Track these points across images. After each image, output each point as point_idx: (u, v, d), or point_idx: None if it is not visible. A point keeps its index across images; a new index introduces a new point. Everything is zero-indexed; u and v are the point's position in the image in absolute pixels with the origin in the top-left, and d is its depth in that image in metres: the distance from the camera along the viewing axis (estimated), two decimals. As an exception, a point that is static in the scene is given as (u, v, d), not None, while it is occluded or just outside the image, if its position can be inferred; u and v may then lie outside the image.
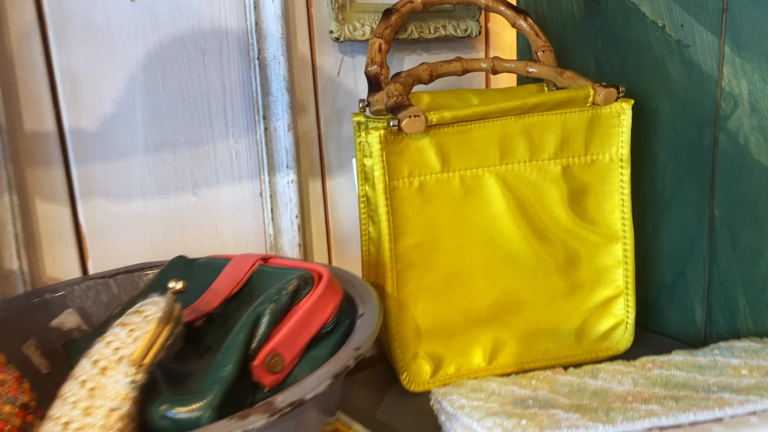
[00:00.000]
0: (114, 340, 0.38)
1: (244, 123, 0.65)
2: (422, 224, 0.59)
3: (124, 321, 0.39)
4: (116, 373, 0.36)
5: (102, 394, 0.35)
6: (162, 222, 0.62)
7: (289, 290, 0.41)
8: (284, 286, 0.41)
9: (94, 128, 0.58)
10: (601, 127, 0.61)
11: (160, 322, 0.38)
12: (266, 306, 0.40)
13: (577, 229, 0.62)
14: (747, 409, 0.45)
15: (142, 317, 0.39)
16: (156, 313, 0.39)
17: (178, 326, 0.39)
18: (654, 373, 0.54)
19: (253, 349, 0.39)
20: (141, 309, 0.40)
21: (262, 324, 0.40)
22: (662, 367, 0.55)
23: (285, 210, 0.67)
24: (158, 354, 0.37)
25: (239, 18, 0.63)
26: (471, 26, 0.76)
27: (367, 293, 0.48)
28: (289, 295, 0.41)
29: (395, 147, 0.57)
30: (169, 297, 0.40)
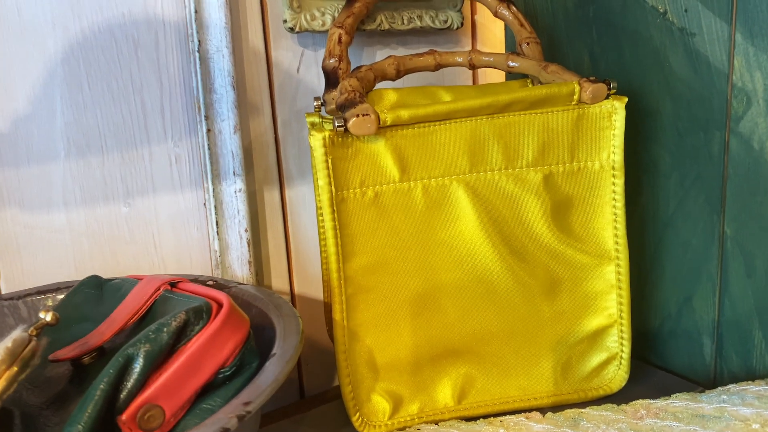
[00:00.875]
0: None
1: (185, 124, 0.58)
2: (377, 241, 0.50)
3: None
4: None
5: None
6: (88, 236, 0.55)
7: (173, 327, 0.33)
8: (168, 321, 0.33)
9: (5, 130, 0.51)
10: (590, 129, 0.52)
11: (3, 362, 0.30)
12: (139, 346, 0.32)
13: (561, 248, 0.53)
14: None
15: None
16: (6, 346, 0.31)
17: (28, 367, 0.31)
18: (646, 423, 0.45)
19: (122, 401, 0.31)
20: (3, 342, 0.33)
21: (134, 369, 0.32)
22: (657, 415, 0.46)
23: (232, 223, 0.60)
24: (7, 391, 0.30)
25: (177, 5, 0.56)
26: (452, 17, 0.67)
27: (294, 325, 0.40)
28: (172, 332, 0.33)
29: (343, 152, 0.49)
30: (27, 332, 0.33)
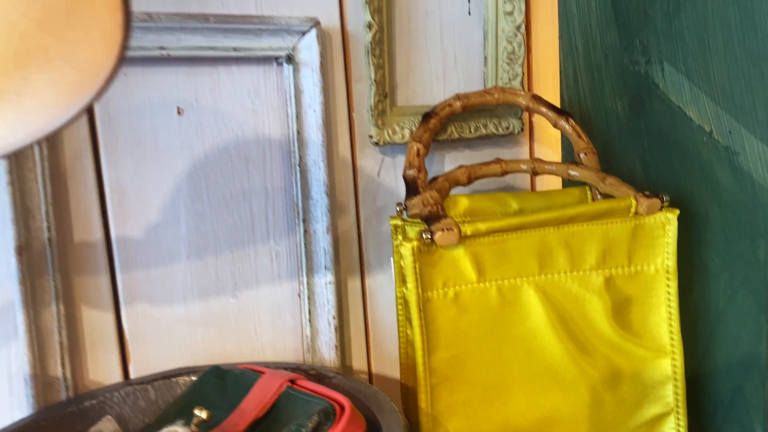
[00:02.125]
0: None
1: (285, 225, 0.67)
2: (458, 336, 0.57)
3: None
4: None
5: None
6: (202, 325, 0.64)
7: (309, 428, 0.41)
8: (305, 423, 0.41)
9: (140, 236, 0.60)
10: (645, 237, 0.59)
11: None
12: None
13: (621, 343, 0.59)
14: None
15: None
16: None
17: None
18: None
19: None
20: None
21: (281, 462, 0.39)
22: (716, 503, 0.51)
23: (322, 311, 0.67)
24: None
25: (282, 127, 0.65)
26: (513, 124, 0.76)
27: (395, 421, 0.47)
28: (311, 431, 0.41)
29: (429, 258, 0.56)
30: (190, 428, 0.40)
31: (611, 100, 0.70)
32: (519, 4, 0.73)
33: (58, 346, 0.55)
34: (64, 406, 0.54)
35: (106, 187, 0.58)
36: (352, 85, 0.69)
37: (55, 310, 0.55)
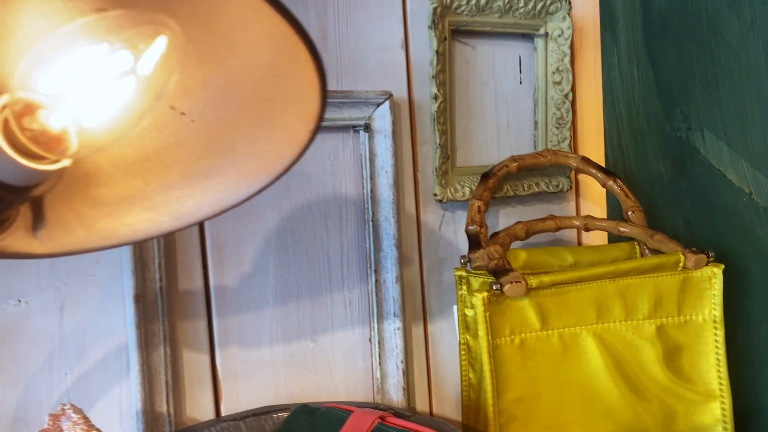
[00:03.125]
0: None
1: (357, 276, 0.73)
2: (523, 380, 0.63)
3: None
4: None
5: None
6: (284, 366, 0.70)
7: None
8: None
9: (234, 285, 0.67)
10: (693, 289, 0.64)
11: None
12: (392, 472, 0.45)
13: (673, 387, 0.64)
14: None
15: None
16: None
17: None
18: None
19: None
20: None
21: (388, 489, 0.45)
22: None
23: (391, 355, 0.73)
24: None
25: (357, 187, 0.72)
26: (562, 182, 0.82)
27: (476, 453, 0.52)
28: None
29: (497, 307, 0.62)
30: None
31: (654, 163, 0.77)
32: (567, 75, 0.80)
33: (164, 384, 0.62)
34: (171, 440, 0.60)
35: (207, 241, 0.65)
36: (417, 148, 0.76)
37: (162, 352, 0.62)
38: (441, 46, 0.73)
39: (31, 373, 0.58)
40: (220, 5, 0.27)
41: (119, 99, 0.27)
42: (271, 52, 0.30)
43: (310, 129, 0.31)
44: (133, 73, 0.25)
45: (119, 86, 0.26)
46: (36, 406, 0.59)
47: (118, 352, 0.61)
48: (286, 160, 0.34)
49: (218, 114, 0.35)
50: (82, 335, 0.60)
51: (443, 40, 0.73)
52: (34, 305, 0.58)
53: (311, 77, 0.28)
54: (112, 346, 0.61)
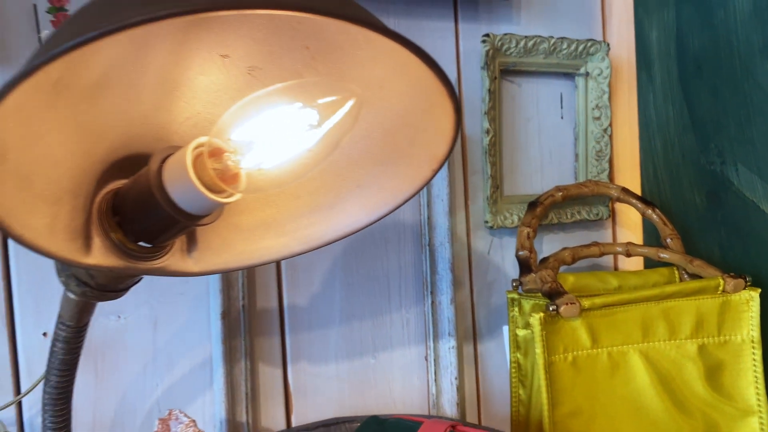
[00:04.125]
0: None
1: (415, 297, 0.78)
2: (576, 395, 0.68)
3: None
4: None
5: None
6: (348, 382, 0.75)
7: (490, 460, 0.51)
8: (486, 456, 0.51)
9: (305, 304, 0.72)
10: (732, 311, 0.70)
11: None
12: (474, 473, 0.50)
13: (715, 403, 0.69)
14: None
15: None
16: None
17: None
18: None
19: None
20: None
21: (471, 488, 0.50)
22: None
23: (446, 372, 0.78)
24: None
25: (414, 214, 0.78)
26: (602, 211, 0.88)
27: (541, 460, 0.57)
28: (490, 464, 0.51)
29: (552, 327, 0.68)
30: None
31: (690, 194, 0.82)
32: (605, 111, 0.87)
33: (244, 396, 0.67)
34: (252, 447, 0.65)
35: (282, 264, 0.71)
36: (468, 178, 0.82)
37: (243, 366, 0.67)
38: (492, 84, 0.79)
39: (127, 383, 0.64)
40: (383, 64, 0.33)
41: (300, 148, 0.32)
42: (409, 101, 0.35)
43: (434, 168, 0.37)
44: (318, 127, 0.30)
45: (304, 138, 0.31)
46: (131, 414, 0.64)
47: (202, 366, 0.67)
48: (406, 193, 0.40)
49: (348, 154, 0.40)
50: (171, 349, 0.65)
51: (494, 79, 0.80)
52: (131, 321, 0.64)
53: (446, 125, 0.34)
54: (198, 359, 0.66)
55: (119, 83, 0.35)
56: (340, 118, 0.30)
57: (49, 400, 0.49)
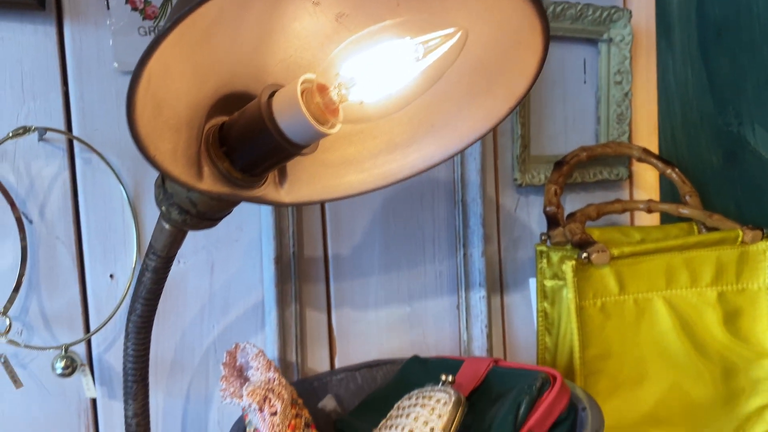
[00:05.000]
0: (420, 416, 0.53)
1: (448, 250, 0.83)
2: (603, 338, 0.73)
3: (423, 404, 0.55)
4: (432, 440, 0.51)
5: (424, 453, 0.50)
6: (386, 327, 0.79)
7: (537, 386, 0.56)
8: (533, 383, 0.56)
9: (347, 254, 0.76)
10: (750, 261, 0.74)
11: (456, 404, 0.53)
12: (523, 396, 0.55)
13: (732, 346, 0.74)
14: None
15: (434, 401, 0.55)
16: (451, 398, 0.54)
17: (466, 408, 0.54)
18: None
19: (517, 427, 0.54)
20: (431, 395, 0.55)
21: (521, 410, 0.54)
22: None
23: (476, 321, 0.83)
24: (457, 428, 0.52)
25: (448, 171, 0.82)
26: (622, 171, 0.92)
27: (581, 394, 0.61)
28: (538, 389, 0.56)
29: (583, 274, 0.72)
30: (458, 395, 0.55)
31: (707, 154, 0.87)
32: (627, 76, 0.90)
33: (293, 338, 0.71)
34: (306, 384, 0.69)
35: (327, 215, 0.75)
36: (497, 139, 0.86)
37: (293, 310, 0.71)
38: (523, 48, 0.83)
39: (186, 325, 0.67)
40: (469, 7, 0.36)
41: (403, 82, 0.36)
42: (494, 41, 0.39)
43: (510, 107, 0.41)
44: (422, 60, 0.34)
45: (406, 72, 0.35)
46: (189, 353, 0.68)
47: (255, 309, 0.71)
48: (479, 131, 0.43)
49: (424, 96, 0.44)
50: (226, 293, 0.69)
51: (524, 43, 0.83)
52: (190, 265, 0.67)
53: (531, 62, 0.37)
54: (250, 303, 0.70)
55: (227, 27, 0.38)
56: (445, 50, 0.34)
57: (133, 328, 0.52)
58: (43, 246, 0.61)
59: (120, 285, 0.64)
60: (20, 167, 0.60)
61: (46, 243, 0.61)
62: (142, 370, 0.55)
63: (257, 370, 0.54)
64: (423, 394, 0.57)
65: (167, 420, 0.67)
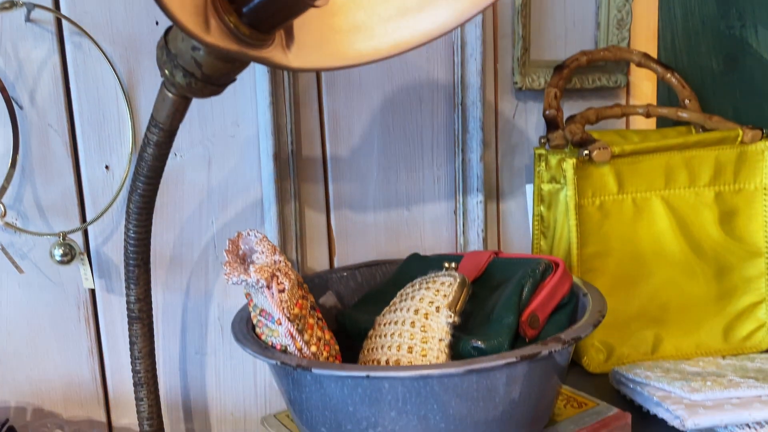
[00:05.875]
0: (425, 297, 0.54)
1: (446, 154, 0.82)
2: (601, 236, 0.73)
3: (428, 287, 0.55)
4: (438, 317, 0.51)
5: (431, 330, 0.51)
6: (384, 230, 0.79)
7: (540, 269, 0.56)
8: (536, 267, 0.56)
9: (346, 155, 0.75)
10: (748, 161, 0.75)
11: (461, 285, 0.53)
12: (527, 279, 0.55)
13: (727, 245, 0.75)
14: None
15: (438, 284, 0.55)
16: (456, 280, 0.54)
17: (470, 290, 0.54)
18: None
19: (520, 309, 0.54)
20: (435, 279, 0.56)
21: (525, 292, 0.55)
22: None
23: (473, 225, 0.83)
24: (462, 307, 0.52)
25: (448, 73, 0.80)
26: (620, 78, 0.91)
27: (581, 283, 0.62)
28: (541, 273, 0.56)
29: (583, 172, 0.72)
30: (462, 276, 0.55)
31: (707, 59, 0.86)
32: (629, -21, 0.88)
33: (294, 235, 0.71)
34: (308, 280, 0.69)
35: (324, 114, 0.73)
36: (498, 41, 0.84)
37: (293, 207, 0.70)
38: (525, -55, 0.80)
39: (184, 219, 0.66)
40: None
41: None
42: None
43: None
44: None
45: None
46: (188, 249, 0.67)
47: (254, 206, 0.70)
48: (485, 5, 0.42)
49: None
50: (225, 189, 0.68)
51: (527, -61, 0.80)
52: (187, 159, 0.66)
53: None
54: (249, 200, 0.69)
55: None
56: None
57: (134, 209, 0.51)
58: (36, 133, 0.59)
59: (116, 177, 0.63)
60: (8, 48, 0.57)
61: (39, 130, 0.59)
62: (144, 254, 0.54)
63: (262, 253, 0.54)
64: (426, 279, 0.57)
65: (167, 315, 0.67)
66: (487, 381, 0.46)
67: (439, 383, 0.46)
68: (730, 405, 0.55)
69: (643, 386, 0.63)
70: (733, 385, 0.58)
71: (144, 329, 0.56)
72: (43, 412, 0.62)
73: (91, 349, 0.64)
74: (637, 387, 0.63)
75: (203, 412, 0.70)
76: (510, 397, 0.48)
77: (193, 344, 0.68)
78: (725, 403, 0.56)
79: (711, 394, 0.57)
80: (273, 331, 0.51)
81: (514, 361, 0.45)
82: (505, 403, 0.48)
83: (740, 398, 0.56)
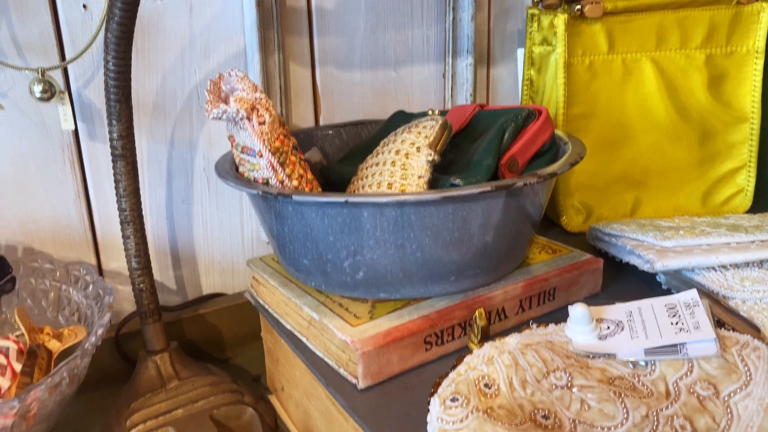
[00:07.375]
0: (407, 139, 0.54)
1: (437, 14, 0.80)
2: (589, 96, 0.73)
3: (410, 130, 0.55)
4: (419, 156, 0.52)
5: (411, 168, 0.51)
6: (371, 89, 0.78)
7: (523, 115, 0.56)
8: (519, 113, 0.56)
9: (331, 8, 0.73)
10: (743, 23, 0.73)
11: (443, 126, 0.53)
12: (509, 124, 0.55)
13: (713, 109, 0.75)
14: None
15: (421, 127, 0.55)
16: (438, 122, 0.54)
17: (451, 133, 0.54)
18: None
19: (500, 153, 0.55)
20: (418, 124, 0.56)
21: (506, 136, 0.55)
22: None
23: (462, 89, 0.82)
24: (443, 147, 0.53)
25: (441, -76, 0.77)
26: (621, -59, 0.87)
27: (563, 134, 0.62)
28: (523, 118, 0.56)
29: (573, 30, 0.70)
30: (443, 119, 0.55)
31: None
32: None
33: (278, 89, 0.70)
34: (289, 133, 0.69)
35: (310, -39, 0.70)
36: None
37: (277, 59, 0.69)
38: None
39: (167, 67, 0.65)
40: None
41: None
42: None
43: None
44: None
45: None
46: (171, 97, 0.66)
47: (237, 57, 0.68)
48: None
49: None
50: (207, 36, 0.66)
51: None
52: (168, 2, 0.64)
53: None
54: (232, 50, 0.68)
55: None
56: None
57: (112, 38, 0.50)
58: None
59: (94, 17, 0.61)
60: None
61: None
62: (125, 89, 0.54)
63: (243, 91, 0.53)
64: (409, 125, 0.57)
65: (152, 163, 0.67)
66: (462, 211, 0.47)
67: (416, 212, 0.47)
68: (700, 250, 0.57)
69: (618, 238, 0.64)
70: (704, 234, 0.59)
71: (128, 167, 0.57)
72: (33, 251, 0.64)
73: (77, 192, 0.65)
74: (612, 239, 0.65)
75: (191, 259, 0.72)
76: (484, 230, 0.49)
77: (179, 193, 0.69)
78: (695, 249, 0.57)
79: (682, 242, 0.58)
80: (254, 165, 0.51)
81: (489, 190, 0.46)
82: (479, 236, 0.49)
83: (710, 245, 0.58)
